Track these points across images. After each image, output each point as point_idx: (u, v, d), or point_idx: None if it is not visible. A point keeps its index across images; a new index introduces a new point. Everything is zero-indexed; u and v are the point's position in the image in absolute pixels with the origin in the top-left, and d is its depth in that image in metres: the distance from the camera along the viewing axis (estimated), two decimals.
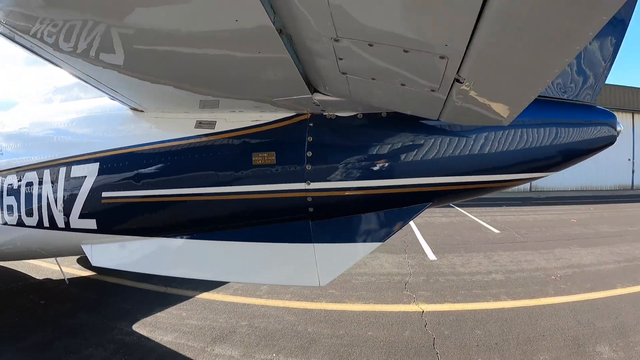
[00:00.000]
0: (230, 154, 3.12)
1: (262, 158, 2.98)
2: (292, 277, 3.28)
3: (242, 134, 3.05)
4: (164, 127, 3.42)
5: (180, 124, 3.30)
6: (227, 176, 3.11)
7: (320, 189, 2.89)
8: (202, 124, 3.16)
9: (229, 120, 3.09)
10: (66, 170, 4.00)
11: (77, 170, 3.87)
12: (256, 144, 3.02)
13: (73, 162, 3.96)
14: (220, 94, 2.84)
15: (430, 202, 2.89)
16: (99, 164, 3.69)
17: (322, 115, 2.86)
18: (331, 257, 2.99)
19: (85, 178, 3.77)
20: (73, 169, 3.93)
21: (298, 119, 2.91)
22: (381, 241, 2.95)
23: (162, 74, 2.62)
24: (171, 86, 2.81)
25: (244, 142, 3.06)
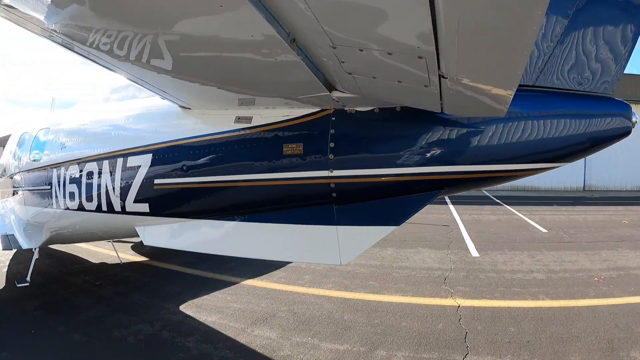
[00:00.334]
0: (264, 145, 3.70)
1: (291, 149, 3.53)
2: (316, 255, 3.84)
3: (275, 128, 3.63)
4: (208, 122, 4.06)
5: (221, 119, 3.93)
6: (261, 165, 3.70)
7: (342, 176, 3.40)
8: (241, 119, 3.77)
9: (263, 115, 3.68)
10: (123, 160, 4.75)
11: (133, 161, 4.60)
12: (286, 136, 3.58)
13: (129, 154, 4.69)
14: (255, 93, 3.43)
15: (442, 190, 3.32)
16: (152, 155, 4.40)
17: (343, 110, 3.37)
18: (352, 239, 3.50)
19: (140, 167, 4.49)
20: (129, 160, 4.67)
21: (322, 113, 3.44)
22: (397, 225, 3.43)
23: (206, 77, 3.22)
24: (214, 87, 3.42)
25: (276, 135, 3.63)
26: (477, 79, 2.16)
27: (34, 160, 7.00)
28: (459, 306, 6.44)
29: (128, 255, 10.06)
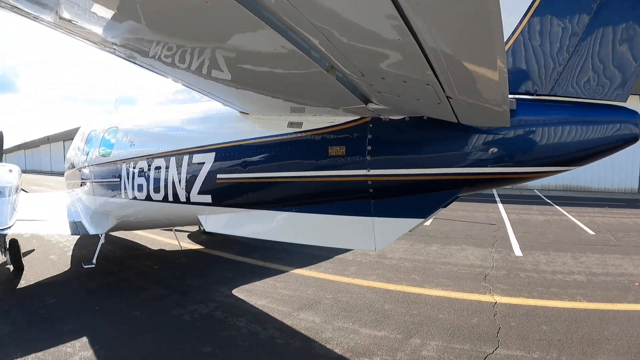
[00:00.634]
0: (313, 147, 4.53)
1: (335, 150, 4.34)
2: (355, 242, 4.67)
3: (322, 132, 4.45)
4: (264, 125, 4.96)
5: (276, 123, 4.81)
6: (310, 163, 4.56)
7: (378, 174, 4.18)
8: (292, 124, 4.63)
9: (312, 121, 4.51)
10: (188, 157, 5.73)
11: (198, 158, 5.57)
12: (331, 139, 4.40)
13: (194, 152, 5.67)
14: (305, 103, 4.27)
15: (462, 188, 4.02)
16: (215, 153, 5.35)
17: (379, 118, 4.13)
18: (385, 228, 4.27)
19: (204, 164, 5.45)
20: (194, 157, 5.64)
21: (361, 121, 4.23)
22: (424, 217, 4.19)
23: (262, 88, 4.09)
24: (269, 97, 4.29)
25: (322, 138, 4.45)
26: (474, 100, 2.93)
27: (103, 156, 8.22)
28: (495, 303, 6.98)
29: (184, 244, 11.37)
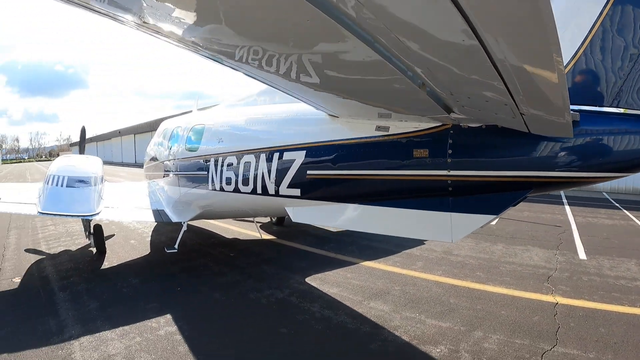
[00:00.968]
0: (399, 149, 5.35)
1: (419, 153, 5.16)
2: (434, 234, 5.48)
3: (407, 136, 5.28)
4: (353, 128, 5.85)
5: (364, 127, 5.70)
6: (395, 163, 5.41)
7: (457, 175, 4.97)
8: (380, 128, 5.51)
9: (398, 126, 5.36)
10: (279, 154, 6.75)
11: (289, 155, 6.58)
12: (416, 143, 5.21)
13: (285, 149, 6.69)
14: (392, 110, 5.16)
15: (530, 189, 4.74)
16: (305, 151, 6.33)
17: (459, 125, 4.92)
18: (461, 223, 5.07)
19: (295, 160, 6.44)
20: (285, 154, 6.65)
21: (443, 127, 5.03)
22: (496, 214, 4.98)
23: (355, 96, 4.94)
24: (359, 103, 5.15)
25: (408, 142, 5.27)
26: (543, 116, 3.80)
27: (190, 150, 9.43)
28: (556, 303, 7.56)
29: (256, 234, 12.57)
